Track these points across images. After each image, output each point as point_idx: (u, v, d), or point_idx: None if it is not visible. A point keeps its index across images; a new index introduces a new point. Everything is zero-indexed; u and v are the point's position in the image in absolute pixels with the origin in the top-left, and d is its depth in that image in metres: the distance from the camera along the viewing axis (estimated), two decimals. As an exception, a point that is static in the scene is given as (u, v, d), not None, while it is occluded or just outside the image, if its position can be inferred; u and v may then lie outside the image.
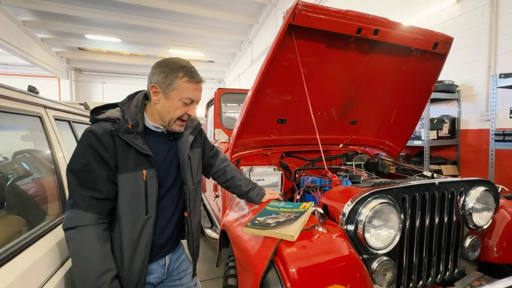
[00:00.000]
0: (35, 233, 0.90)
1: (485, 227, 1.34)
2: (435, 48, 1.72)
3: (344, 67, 1.82)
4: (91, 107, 1.10)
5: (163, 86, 0.97)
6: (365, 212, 1.02)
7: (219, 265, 1.67)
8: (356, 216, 1.03)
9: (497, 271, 1.39)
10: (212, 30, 8.72)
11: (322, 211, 1.03)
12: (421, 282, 1.22)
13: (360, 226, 1.02)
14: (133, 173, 0.94)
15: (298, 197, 1.80)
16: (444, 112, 3.48)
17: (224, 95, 2.70)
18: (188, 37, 9.10)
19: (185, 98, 0.98)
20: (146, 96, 1.05)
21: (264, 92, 1.62)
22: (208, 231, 2.49)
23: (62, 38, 8.96)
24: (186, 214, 1.13)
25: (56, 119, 1.22)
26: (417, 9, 3.65)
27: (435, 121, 3.25)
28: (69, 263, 0.94)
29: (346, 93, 1.99)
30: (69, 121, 1.43)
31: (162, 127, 1.05)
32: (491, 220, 1.35)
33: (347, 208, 1.04)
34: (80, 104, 1.87)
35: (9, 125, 1.05)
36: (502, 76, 2.47)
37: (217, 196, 2.29)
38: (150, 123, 1.02)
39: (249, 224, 1.07)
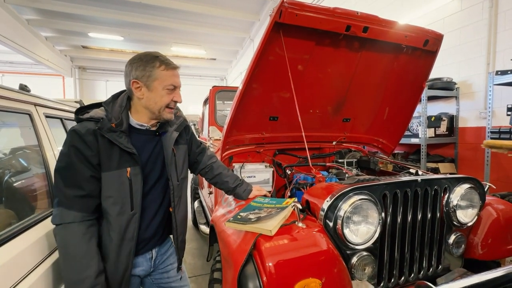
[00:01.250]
0: (23, 224, 0.94)
1: (469, 224, 1.34)
2: (425, 45, 1.72)
3: (335, 64, 1.83)
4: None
5: (143, 79, 1.00)
6: (344, 208, 1.04)
7: (209, 259, 1.71)
8: (336, 211, 1.05)
9: (482, 268, 1.39)
10: (214, 27, 8.72)
11: (301, 207, 1.05)
12: (403, 278, 1.24)
13: (339, 222, 1.04)
14: (117, 171, 0.97)
15: (289, 193, 1.83)
16: (442, 110, 3.45)
17: (219, 92, 2.72)
18: (190, 34, 9.13)
19: (168, 85, 1.02)
20: (129, 97, 1.08)
21: (253, 89, 1.64)
22: (203, 227, 2.53)
23: (66, 37, 9.07)
24: (171, 209, 1.16)
25: (47, 117, 1.26)
26: (416, 5, 3.61)
27: (432, 119, 3.22)
28: (56, 254, 0.98)
29: (338, 90, 2.00)
30: (61, 119, 1.47)
31: (146, 125, 1.07)
32: (476, 217, 1.36)
33: (326, 203, 1.06)
34: (76, 102, 1.92)
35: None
36: (499, 73, 2.45)
37: (210, 193, 2.33)
38: (134, 121, 1.05)
39: (231, 219, 1.10)
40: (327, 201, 1.06)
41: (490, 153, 2.60)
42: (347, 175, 1.43)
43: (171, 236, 1.26)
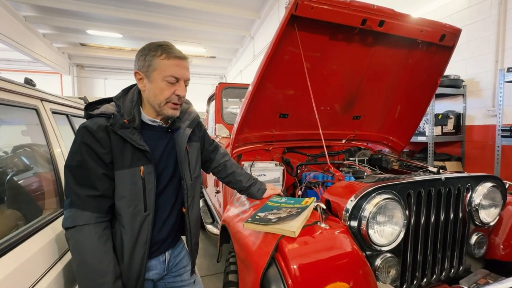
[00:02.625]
0: (32, 226, 0.88)
1: (492, 224, 1.31)
2: (442, 41, 1.67)
3: (347, 60, 1.78)
4: None
5: (143, 69, 0.93)
6: (369, 208, 0.99)
7: (219, 261, 1.66)
8: (360, 212, 1.00)
9: (504, 269, 1.36)
10: (214, 25, 8.64)
11: (324, 207, 1.00)
12: (425, 280, 1.19)
13: (364, 222, 0.99)
14: (130, 170, 0.91)
15: (300, 192, 1.78)
16: (449, 108, 3.41)
17: (225, 89, 2.66)
18: (189, 32, 9.04)
19: (168, 76, 0.91)
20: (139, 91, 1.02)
21: (265, 86, 1.59)
22: (209, 227, 2.47)
23: (64, 34, 8.94)
24: (184, 210, 1.11)
25: (53, 113, 1.20)
26: (423, 1, 3.57)
27: (439, 117, 3.19)
28: (67, 257, 0.92)
29: (349, 87, 1.95)
30: (67, 115, 1.41)
31: (159, 121, 1.02)
32: (498, 217, 1.32)
33: (350, 203, 1.01)
34: (80, 98, 1.84)
35: (4, 119, 1.03)
36: (510, 70, 2.41)
37: (218, 192, 2.28)
38: (146, 117, 1.00)
39: (249, 219, 1.05)
40: (351, 200, 1.01)
41: (501, 151, 2.56)
42: (365, 173, 1.39)
43: (182, 237, 1.21)
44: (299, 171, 1.93)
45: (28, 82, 1.13)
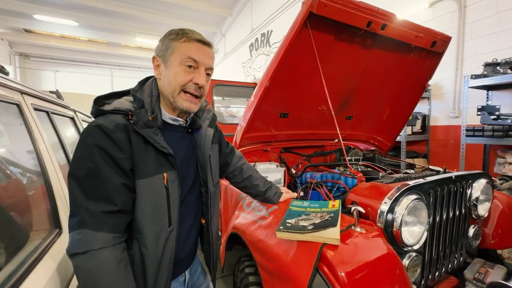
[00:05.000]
0: (21, 267, 0.66)
1: (485, 216, 1.43)
2: (433, 47, 1.78)
3: (348, 61, 1.80)
4: (64, 97, 0.88)
5: (161, 53, 0.81)
6: (400, 209, 1.00)
7: (223, 269, 1.56)
8: (393, 214, 1.00)
9: (492, 256, 1.51)
10: (183, 19, 8.25)
11: (363, 211, 0.97)
12: (437, 274, 1.25)
13: (396, 224, 0.99)
14: (153, 178, 0.76)
15: (302, 193, 1.75)
16: (417, 109, 3.73)
17: (216, 87, 2.51)
18: (156, 25, 8.48)
19: (185, 58, 0.78)
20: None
21: (275, 84, 1.52)
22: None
23: (4, 17, 7.67)
24: (203, 221, 0.98)
25: (35, 109, 0.96)
26: (392, 11, 3.84)
27: (410, 118, 3.47)
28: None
29: (347, 88, 1.99)
30: (47, 112, 1.15)
31: (180, 119, 0.88)
32: (489, 210, 1.45)
33: (385, 206, 1.00)
34: (51, 92, 1.54)
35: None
36: (473, 77, 2.71)
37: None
38: (167, 115, 0.85)
39: (281, 228, 0.97)
40: (385, 203, 1.00)
41: (465, 149, 2.87)
42: (380, 174, 1.41)
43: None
44: (293, 171, 1.91)
45: (1, 70, 0.89)
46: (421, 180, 1.12)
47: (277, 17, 6.46)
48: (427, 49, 1.80)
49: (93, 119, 0.77)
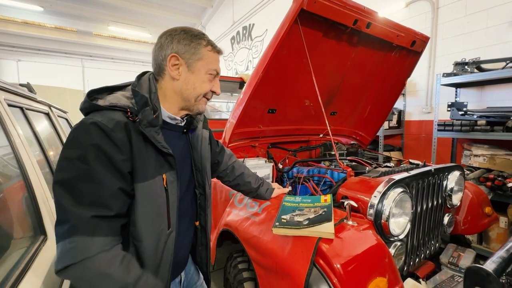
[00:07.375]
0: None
1: (457, 205, 1.55)
2: (412, 46, 1.87)
3: (334, 58, 1.84)
4: (36, 90, 0.81)
5: (186, 55, 0.78)
6: (388, 202, 1.05)
7: (214, 265, 1.56)
8: (382, 206, 1.05)
9: (461, 241, 1.65)
10: (161, 8, 7.89)
11: (356, 205, 1.01)
12: (417, 260, 1.35)
13: (384, 216, 1.05)
14: (154, 180, 0.73)
15: (290, 188, 1.79)
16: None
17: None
18: (132, 13, 8.05)
19: (212, 69, 0.82)
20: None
21: (265, 80, 1.51)
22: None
23: (-48, -2, 6.84)
24: (197, 224, 0.97)
25: (8, 105, 0.87)
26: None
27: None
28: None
29: (332, 84, 2.03)
30: (21, 108, 1.04)
31: (179, 118, 0.85)
32: (461, 199, 1.58)
33: (375, 199, 1.05)
34: (21, 85, 1.39)
35: None
36: (445, 75, 2.90)
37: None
38: (166, 113, 0.82)
39: (277, 224, 0.99)
40: (375, 196, 1.05)
41: (437, 142, 3.08)
42: (367, 168, 1.48)
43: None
44: (280, 166, 1.94)
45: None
46: (406, 174, 1.19)
47: (260, 10, 6.39)
48: (408, 48, 1.89)
49: (70, 114, 0.71)
